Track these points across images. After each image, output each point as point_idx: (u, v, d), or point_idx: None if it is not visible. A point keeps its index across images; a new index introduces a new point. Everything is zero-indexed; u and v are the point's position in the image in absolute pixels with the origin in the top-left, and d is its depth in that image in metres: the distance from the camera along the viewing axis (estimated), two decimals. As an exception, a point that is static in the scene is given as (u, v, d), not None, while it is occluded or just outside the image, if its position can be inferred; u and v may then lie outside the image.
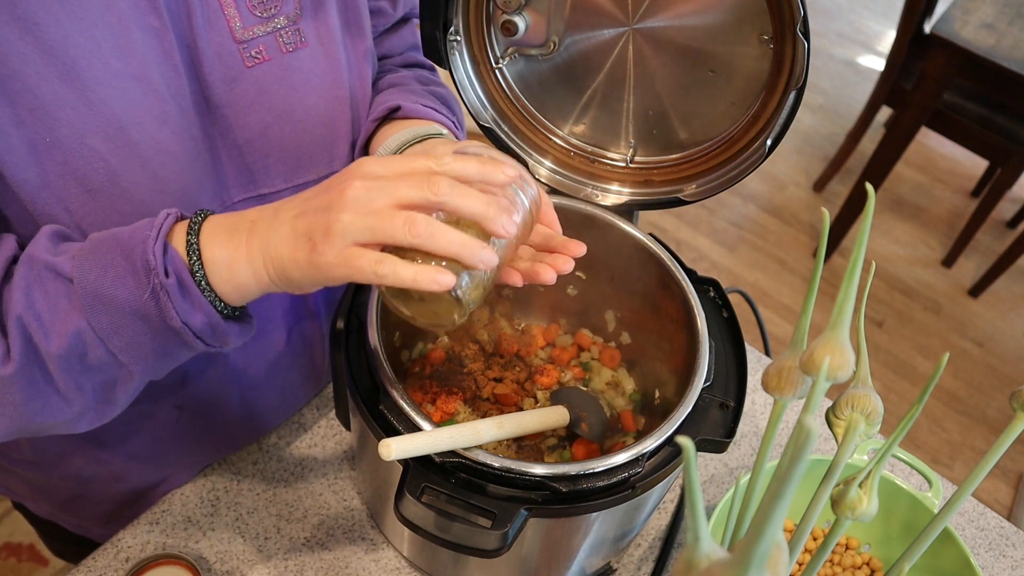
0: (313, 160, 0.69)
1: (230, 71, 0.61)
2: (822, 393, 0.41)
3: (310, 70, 0.65)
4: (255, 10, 0.61)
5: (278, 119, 0.65)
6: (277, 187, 0.68)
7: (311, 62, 0.65)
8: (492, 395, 0.77)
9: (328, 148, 0.70)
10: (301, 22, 0.64)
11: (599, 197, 0.75)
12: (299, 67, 0.65)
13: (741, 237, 2.51)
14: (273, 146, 0.66)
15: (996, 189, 2.25)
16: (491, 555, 0.53)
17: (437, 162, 0.48)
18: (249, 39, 0.61)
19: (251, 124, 0.63)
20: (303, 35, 0.64)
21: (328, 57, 0.67)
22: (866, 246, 0.41)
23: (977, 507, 0.90)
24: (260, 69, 0.62)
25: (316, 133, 0.68)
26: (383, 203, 0.47)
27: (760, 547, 0.27)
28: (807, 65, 0.58)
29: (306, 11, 0.64)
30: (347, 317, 0.65)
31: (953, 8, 2.02)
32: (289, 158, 0.67)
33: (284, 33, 0.63)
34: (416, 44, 0.86)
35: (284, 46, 0.63)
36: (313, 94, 0.66)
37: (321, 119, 0.68)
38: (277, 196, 0.67)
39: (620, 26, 0.66)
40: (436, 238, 0.46)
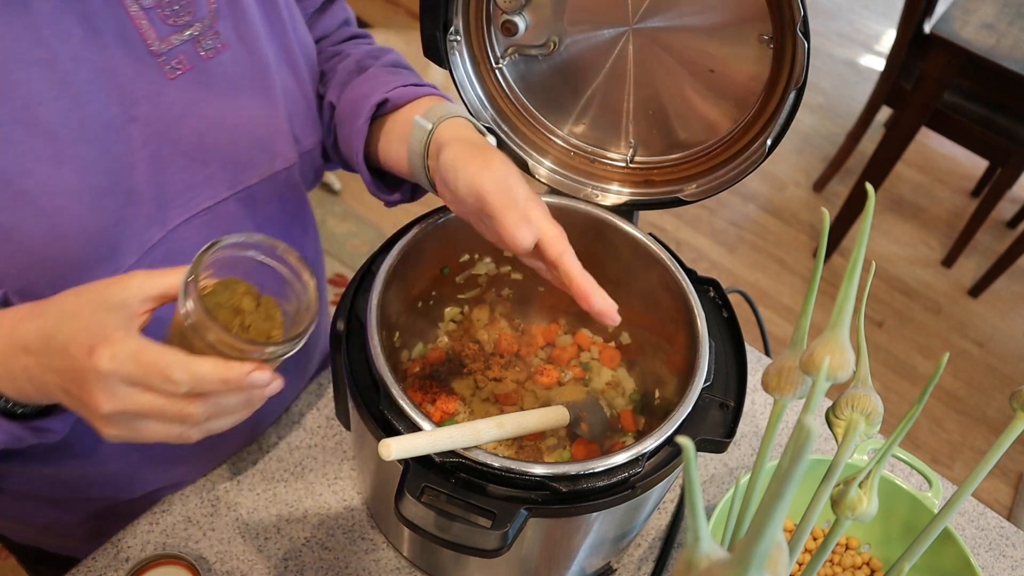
0: (254, 162, 0.67)
1: (153, 86, 0.59)
2: (822, 393, 0.41)
3: (236, 72, 0.64)
4: (168, 20, 0.59)
5: (212, 127, 0.63)
6: (221, 195, 0.66)
7: (235, 64, 0.64)
8: (492, 395, 0.78)
9: (268, 148, 0.68)
10: (219, 24, 0.63)
11: (599, 197, 0.75)
12: (223, 71, 0.63)
13: (741, 237, 2.51)
14: (211, 155, 0.64)
15: (996, 189, 2.25)
16: (491, 555, 0.53)
17: (174, 384, 0.45)
18: (167, 50, 0.59)
19: (185, 136, 0.62)
20: (222, 38, 0.63)
21: (252, 55, 0.65)
22: (866, 246, 0.41)
23: (977, 507, 0.90)
24: (183, 79, 0.61)
25: (254, 135, 0.66)
26: (139, 436, 0.47)
27: (760, 547, 0.27)
28: (807, 65, 0.58)
29: (222, 12, 0.63)
30: (347, 317, 0.65)
31: (953, 8, 2.01)
32: (229, 164, 0.66)
33: (202, 39, 0.62)
34: (348, 18, 0.84)
35: (204, 52, 0.62)
36: (243, 96, 0.65)
37: (256, 119, 0.66)
38: (223, 206, 0.66)
39: (620, 26, 0.66)
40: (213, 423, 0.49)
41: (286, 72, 0.69)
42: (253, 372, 0.47)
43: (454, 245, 0.76)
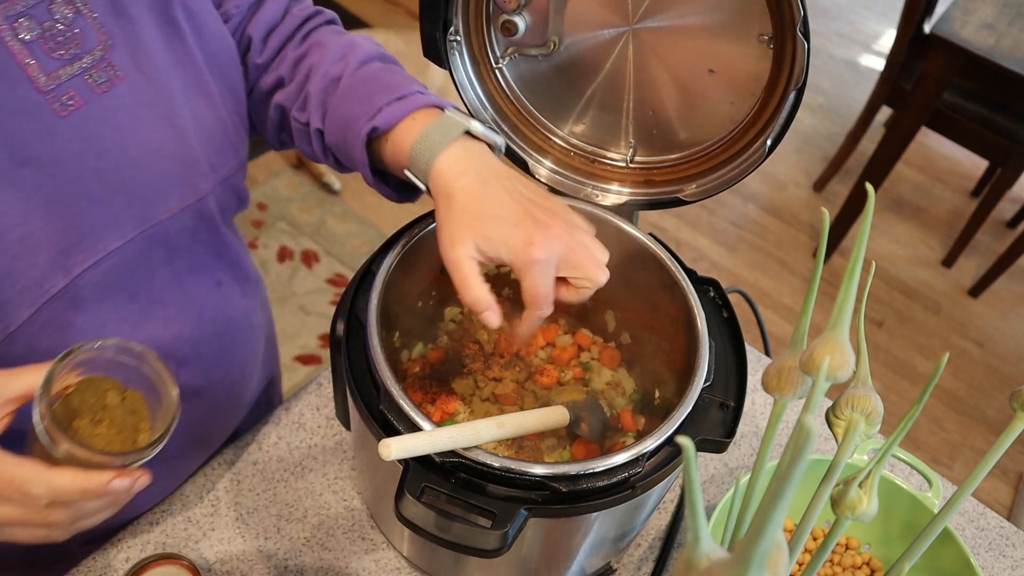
0: (163, 196, 0.63)
1: (43, 125, 0.55)
2: (822, 393, 0.41)
3: (136, 104, 0.60)
4: (53, 53, 0.55)
5: (113, 164, 0.59)
6: (129, 235, 0.62)
7: (135, 95, 0.60)
8: (492, 395, 0.78)
9: (178, 180, 0.64)
10: (112, 55, 0.59)
11: (599, 197, 0.75)
12: (121, 104, 0.59)
13: (741, 237, 2.51)
14: (116, 193, 0.60)
15: (996, 189, 2.25)
16: (491, 555, 0.54)
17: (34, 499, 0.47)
18: (55, 86, 0.56)
19: (84, 175, 0.58)
20: (118, 69, 0.59)
21: (153, 85, 0.61)
22: (866, 246, 0.41)
23: (977, 507, 0.90)
24: (77, 115, 0.57)
25: (161, 168, 0.62)
26: (5, 538, 0.48)
27: (760, 547, 0.27)
28: (807, 65, 0.58)
29: (115, 42, 0.59)
30: (347, 318, 0.65)
31: (953, 8, 2.01)
32: (136, 201, 0.61)
33: (95, 72, 0.58)
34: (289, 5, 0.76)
35: (97, 86, 0.58)
36: (146, 128, 0.61)
37: (163, 152, 0.62)
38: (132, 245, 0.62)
39: (620, 26, 0.66)
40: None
41: (196, 98, 0.65)
42: (113, 481, 0.49)
43: (454, 245, 0.76)
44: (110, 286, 0.62)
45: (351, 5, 3.02)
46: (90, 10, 0.58)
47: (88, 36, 0.58)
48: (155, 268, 0.66)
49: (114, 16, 0.59)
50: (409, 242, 0.68)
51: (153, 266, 0.66)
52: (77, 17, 0.57)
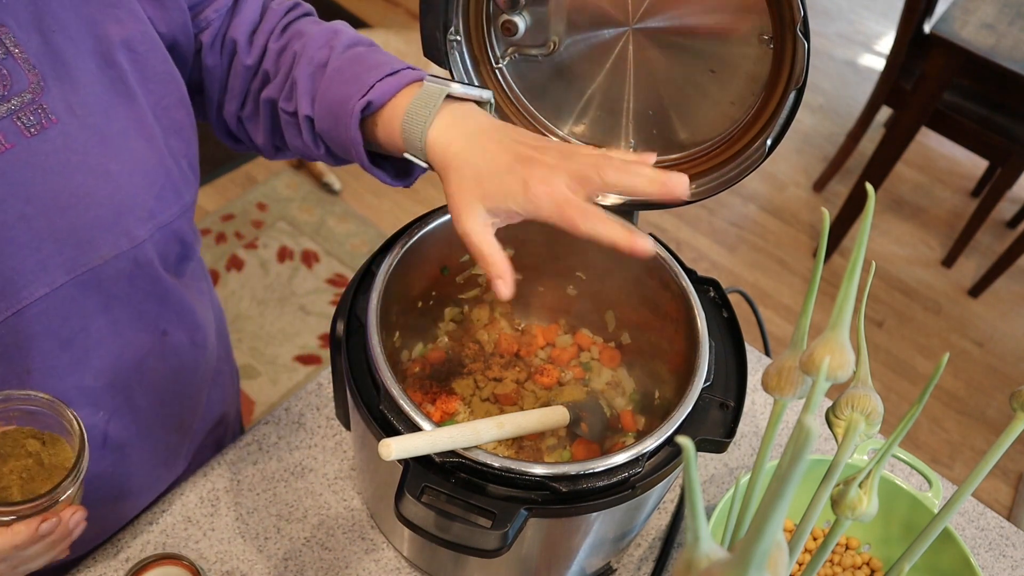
0: (95, 244, 0.61)
1: None
2: (822, 393, 0.41)
3: (68, 148, 0.58)
4: None
5: (42, 209, 0.57)
6: (58, 281, 0.59)
7: (66, 140, 0.58)
8: (492, 395, 0.78)
9: (112, 226, 0.61)
10: (44, 98, 0.56)
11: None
12: (52, 148, 0.57)
13: (741, 237, 2.51)
14: (43, 239, 0.57)
15: (996, 189, 2.25)
16: (491, 555, 0.54)
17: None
18: None
19: (9, 221, 0.56)
20: (49, 112, 0.57)
21: (88, 129, 0.59)
22: (866, 246, 0.41)
23: (977, 507, 0.90)
24: (3, 159, 0.55)
25: (94, 214, 0.60)
26: None
27: (760, 547, 0.27)
28: (807, 65, 0.58)
29: (48, 85, 0.57)
30: (347, 317, 0.65)
31: (953, 8, 2.01)
32: (65, 248, 0.59)
33: (24, 114, 0.56)
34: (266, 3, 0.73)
35: (26, 129, 0.56)
36: (78, 173, 0.58)
37: (95, 199, 0.60)
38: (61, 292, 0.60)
39: (620, 26, 0.66)
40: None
41: (136, 142, 0.63)
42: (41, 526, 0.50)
43: (454, 245, 0.76)
44: (38, 334, 0.60)
45: (351, 5, 3.02)
46: (21, 51, 0.56)
47: (18, 77, 0.56)
48: (90, 316, 0.64)
49: (47, 57, 0.57)
50: (409, 242, 0.68)
51: (88, 314, 0.63)
52: (7, 57, 0.55)
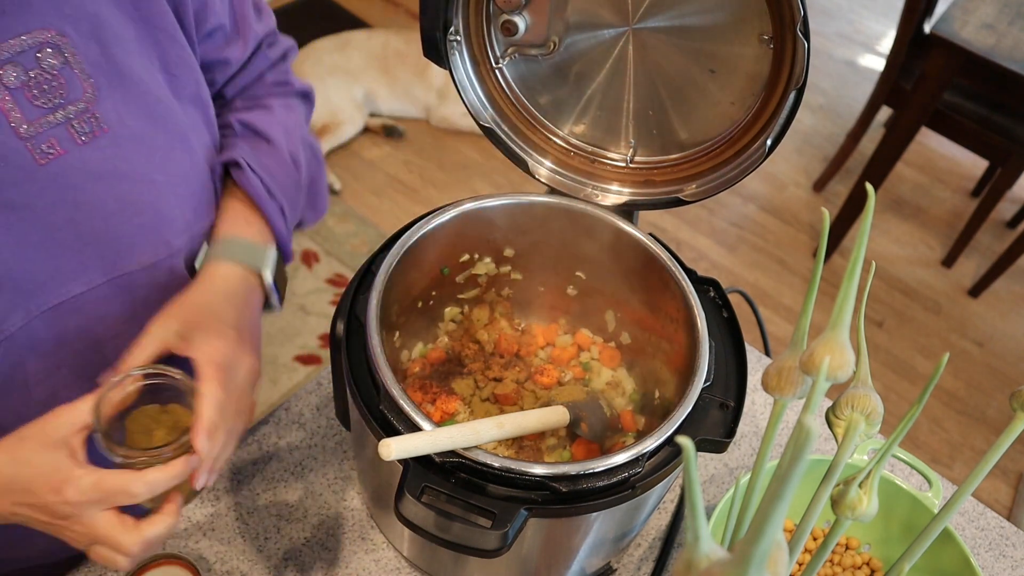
0: (134, 250, 0.64)
1: (20, 171, 0.56)
2: (822, 393, 0.41)
3: (116, 157, 0.60)
4: (37, 100, 0.56)
5: (87, 215, 0.60)
6: (95, 282, 0.62)
7: (115, 149, 0.60)
8: (492, 395, 0.78)
9: (151, 234, 0.64)
10: (97, 107, 0.59)
11: (599, 197, 0.75)
12: (102, 156, 0.59)
13: (741, 237, 2.51)
14: (86, 242, 0.60)
15: (996, 189, 2.25)
16: (491, 555, 0.54)
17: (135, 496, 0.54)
18: (36, 134, 0.56)
19: (58, 222, 0.58)
20: (102, 121, 0.59)
21: (137, 140, 0.61)
22: (866, 246, 0.41)
23: (977, 507, 0.90)
24: (56, 165, 0.57)
25: (136, 222, 0.63)
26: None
27: (760, 547, 0.27)
28: (807, 65, 0.58)
29: (102, 94, 0.59)
30: (347, 317, 0.65)
31: (953, 8, 2.01)
32: (107, 251, 0.62)
33: (78, 122, 0.58)
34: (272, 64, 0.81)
35: (79, 136, 0.58)
36: (124, 182, 0.61)
37: (138, 207, 0.62)
38: (96, 292, 0.62)
39: (620, 26, 0.66)
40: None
41: (179, 154, 0.66)
42: (187, 461, 0.55)
43: (454, 245, 0.76)
44: (71, 331, 0.63)
45: (351, 5, 3.02)
46: (79, 61, 0.58)
47: (74, 86, 0.58)
48: (123, 322, 0.65)
49: (104, 68, 0.59)
50: (409, 242, 0.68)
51: (121, 319, 0.65)
52: (64, 66, 0.57)
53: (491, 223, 0.76)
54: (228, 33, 0.74)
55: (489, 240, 0.78)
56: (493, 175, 2.51)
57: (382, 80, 2.49)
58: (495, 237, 0.78)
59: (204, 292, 0.65)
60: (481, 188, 2.47)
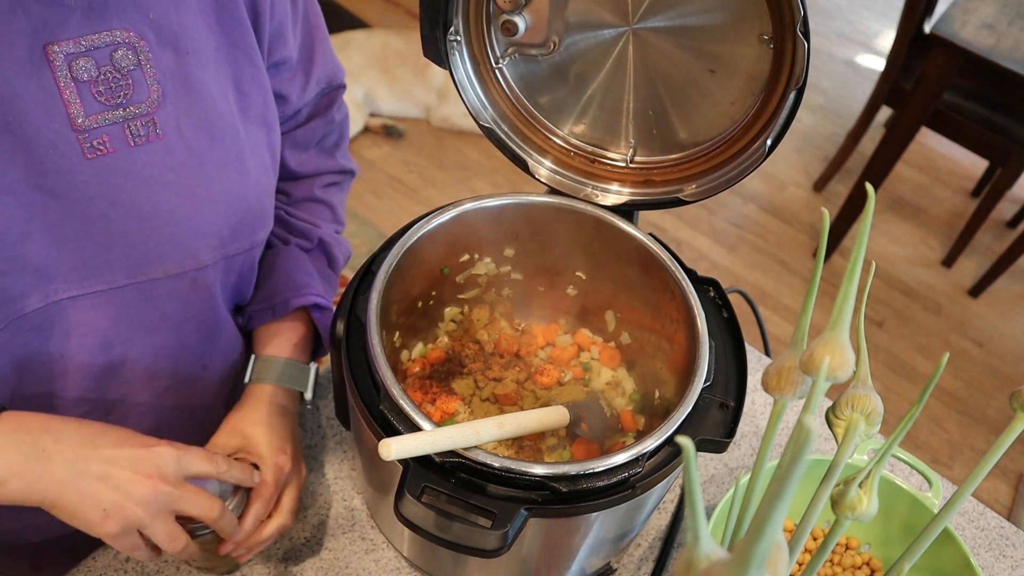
0: (162, 258, 0.64)
1: (67, 162, 0.56)
2: (822, 393, 0.41)
3: (164, 165, 0.60)
4: (101, 96, 0.56)
5: (123, 215, 0.60)
6: (118, 283, 0.63)
7: (165, 156, 0.60)
8: (492, 395, 0.78)
9: (182, 246, 0.64)
10: (158, 112, 0.59)
11: (599, 197, 0.75)
12: (150, 161, 0.60)
13: (741, 237, 2.51)
14: (116, 241, 0.61)
15: (996, 189, 2.25)
16: (491, 555, 0.53)
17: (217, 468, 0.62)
18: (91, 128, 0.56)
19: (92, 217, 0.59)
20: (159, 127, 0.60)
21: (189, 152, 0.62)
22: (866, 246, 0.41)
23: (977, 507, 0.90)
24: (102, 161, 0.57)
25: (169, 231, 0.63)
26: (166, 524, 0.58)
27: (760, 547, 0.27)
28: (807, 65, 0.58)
29: (167, 100, 0.60)
30: (347, 317, 0.65)
31: (953, 8, 2.01)
32: (134, 254, 0.62)
33: (135, 124, 0.58)
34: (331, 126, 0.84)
35: (132, 138, 0.58)
36: (166, 190, 0.61)
37: (174, 217, 0.63)
38: (117, 293, 0.63)
39: (620, 26, 0.66)
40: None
41: (230, 173, 0.66)
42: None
43: (454, 245, 0.76)
44: (84, 325, 0.63)
45: (351, 5, 3.02)
46: (151, 66, 0.59)
47: (140, 88, 0.58)
48: (137, 332, 0.66)
49: (174, 76, 0.60)
50: (409, 242, 0.68)
51: (136, 328, 0.66)
52: (136, 68, 0.58)
53: (491, 223, 0.76)
54: (294, 69, 0.75)
55: (489, 240, 0.78)
56: (493, 175, 2.51)
57: (382, 80, 2.49)
58: (495, 237, 0.78)
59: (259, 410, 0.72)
60: (481, 188, 2.47)
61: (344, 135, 0.88)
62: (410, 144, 2.55)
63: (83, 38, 0.55)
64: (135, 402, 0.71)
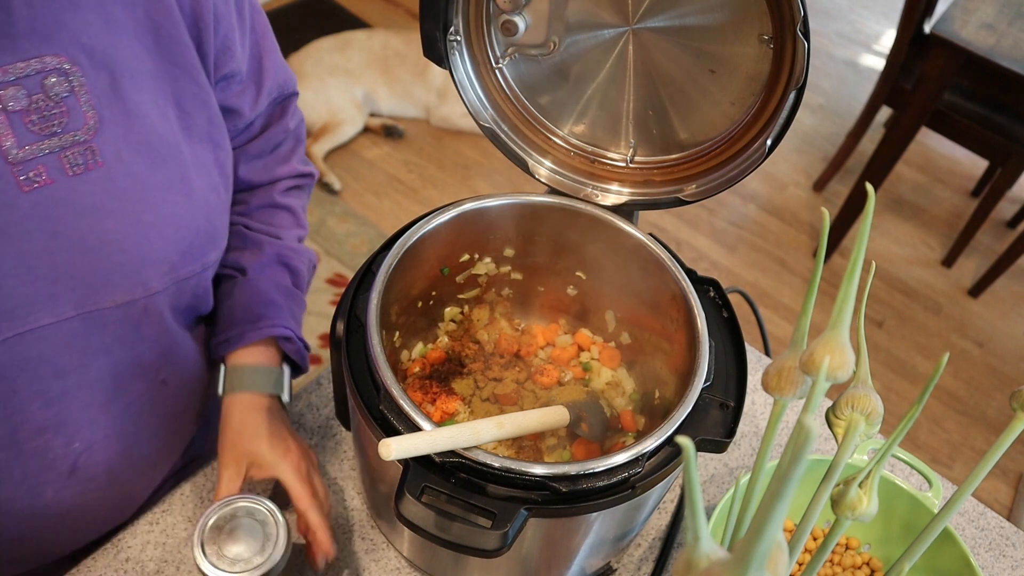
0: (111, 287, 0.62)
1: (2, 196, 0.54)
2: (822, 393, 0.41)
3: (105, 193, 0.58)
4: (34, 126, 0.54)
5: (66, 247, 0.58)
6: (65, 314, 0.60)
7: (106, 184, 0.58)
8: (492, 395, 0.78)
9: (131, 274, 0.62)
10: (96, 140, 0.57)
11: (599, 197, 0.75)
12: (90, 190, 0.58)
13: (741, 237, 2.51)
14: (61, 273, 0.59)
15: (996, 189, 2.25)
16: (491, 555, 0.53)
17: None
18: (26, 160, 0.54)
19: (33, 251, 0.57)
20: (98, 154, 0.58)
21: (130, 178, 0.60)
22: (866, 246, 0.41)
23: (977, 507, 0.90)
24: (40, 193, 0.55)
25: (113, 260, 0.61)
26: None
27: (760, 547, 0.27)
28: (807, 65, 0.58)
29: (105, 126, 0.58)
30: (347, 317, 0.65)
31: (953, 8, 2.01)
32: (80, 286, 0.60)
33: (71, 153, 0.56)
34: (287, 135, 0.82)
35: (70, 168, 0.56)
36: (109, 219, 0.59)
37: (120, 245, 0.61)
38: (65, 324, 0.61)
39: (620, 26, 0.66)
40: None
41: (176, 196, 0.64)
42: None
43: (454, 245, 0.76)
44: (34, 358, 0.61)
45: (351, 5, 3.02)
46: (85, 91, 0.57)
47: (76, 116, 0.56)
48: (91, 354, 0.65)
49: (111, 100, 0.58)
50: (409, 242, 0.68)
51: (89, 351, 0.64)
52: (69, 95, 0.56)
53: (491, 223, 0.76)
54: (245, 81, 0.74)
55: (489, 240, 0.78)
56: (493, 175, 2.51)
57: (382, 80, 2.49)
58: (495, 237, 0.78)
59: (246, 423, 0.73)
60: (481, 188, 2.47)
61: (300, 140, 0.86)
62: (410, 144, 2.55)
63: (10, 67, 0.53)
64: (97, 422, 0.69)
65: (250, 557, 0.63)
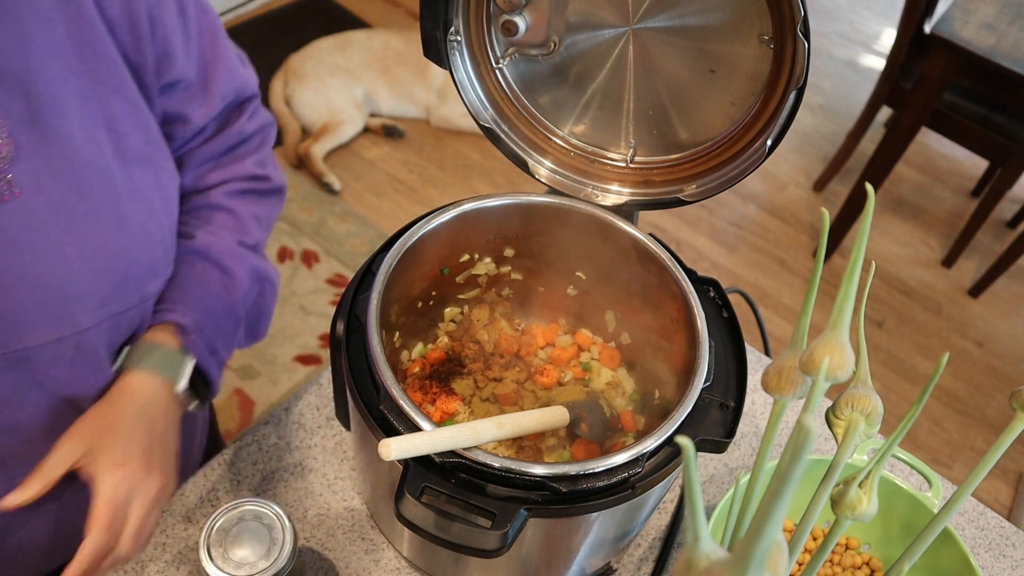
0: (36, 325, 0.58)
1: None
2: (822, 393, 0.41)
3: (24, 225, 0.55)
4: None
5: None
6: None
7: (25, 216, 0.55)
8: (492, 395, 0.78)
9: (58, 310, 0.59)
10: (13, 168, 0.54)
11: (599, 197, 0.75)
12: (7, 223, 0.54)
13: (741, 237, 2.51)
14: None
15: (996, 189, 2.25)
16: (491, 555, 0.53)
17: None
18: None
19: None
20: (14, 185, 0.54)
21: (52, 208, 0.56)
22: (866, 246, 0.41)
23: (977, 507, 0.90)
24: None
25: (37, 296, 0.57)
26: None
27: (760, 547, 0.27)
28: (807, 65, 0.58)
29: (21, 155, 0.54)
30: (347, 317, 0.65)
31: (953, 8, 2.01)
32: (3, 324, 0.57)
33: None
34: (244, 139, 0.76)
35: None
36: (29, 253, 0.55)
37: (42, 280, 0.57)
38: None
39: (620, 26, 0.66)
40: None
41: (105, 225, 0.60)
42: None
43: (454, 245, 0.76)
44: None
45: (351, 5, 3.02)
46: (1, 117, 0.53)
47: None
48: (23, 390, 0.62)
49: (28, 126, 0.55)
50: (409, 242, 0.68)
51: (20, 388, 0.61)
52: None
53: (491, 223, 0.76)
54: (192, 87, 0.69)
55: (489, 240, 0.78)
56: (493, 175, 2.51)
57: (382, 80, 2.49)
58: (495, 237, 0.78)
59: (117, 408, 0.63)
60: (481, 188, 2.47)
61: (265, 142, 0.81)
62: (410, 144, 2.55)
63: None
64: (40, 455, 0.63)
65: (255, 561, 0.63)
